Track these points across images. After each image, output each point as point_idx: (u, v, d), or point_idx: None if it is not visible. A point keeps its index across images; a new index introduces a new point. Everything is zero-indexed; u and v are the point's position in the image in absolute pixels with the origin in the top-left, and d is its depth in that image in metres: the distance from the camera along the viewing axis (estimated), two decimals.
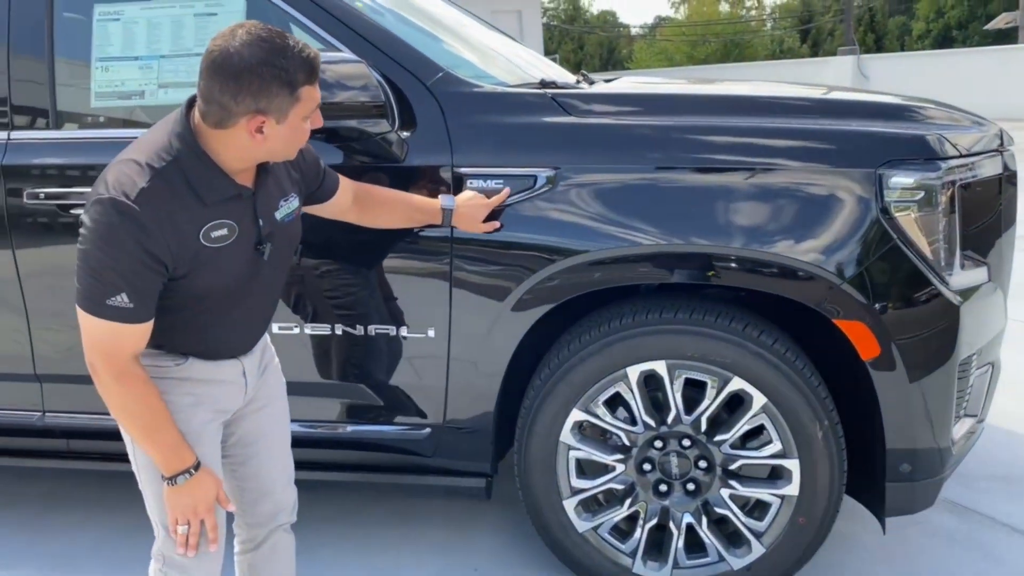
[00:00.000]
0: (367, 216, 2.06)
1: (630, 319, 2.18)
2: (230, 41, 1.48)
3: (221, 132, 1.54)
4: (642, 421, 2.24)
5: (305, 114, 1.57)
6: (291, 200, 1.77)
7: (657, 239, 2.05)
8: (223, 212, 1.60)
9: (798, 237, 2.02)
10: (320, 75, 1.58)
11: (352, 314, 2.27)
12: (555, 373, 2.22)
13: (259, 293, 1.76)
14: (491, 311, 2.17)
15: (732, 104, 2.21)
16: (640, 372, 2.19)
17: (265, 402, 1.89)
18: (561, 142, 2.13)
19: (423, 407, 2.33)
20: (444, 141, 2.16)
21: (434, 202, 2.09)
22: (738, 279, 2.09)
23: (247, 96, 1.49)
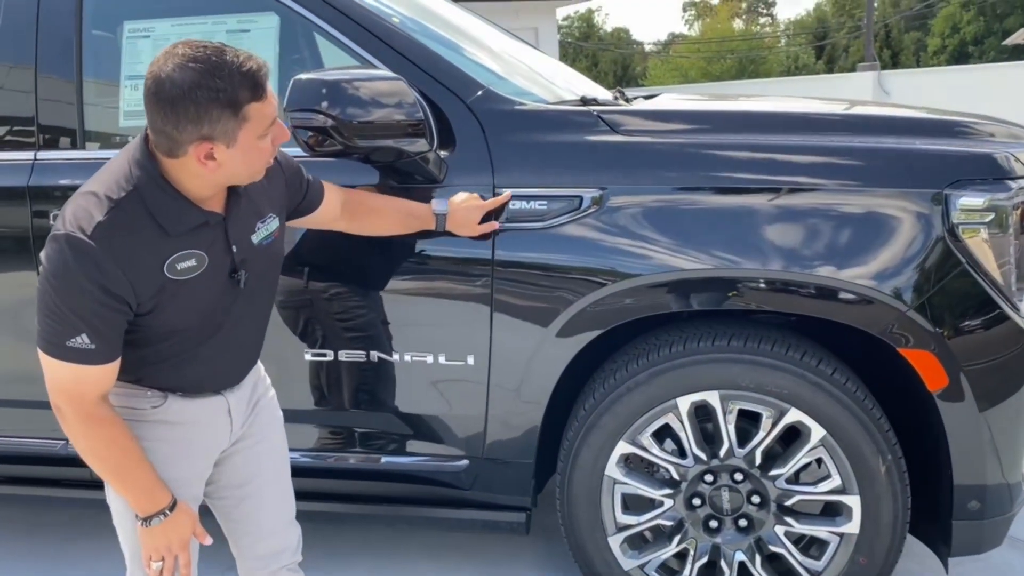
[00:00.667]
0: (357, 224, 1.97)
1: (680, 347, 2.07)
2: (162, 66, 1.38)
3: (174, 161, 1.44)
4: (692, 454, 2.13)
5: (259, 132, 1.45)
6: (269, 221, 1.65)
7: (714, 263, 1.95)
8: (189, 242, 1.49)
9: (861, 262, 1.92)
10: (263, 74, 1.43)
11: (387, 340, 2.18)
12: (600, 403, 2.12)
13: (240, 323, 1.64)
14: (534, 337, 2.07)
15: (787, 122, 2.11)
16: (691, 403, 2.08)
17: (258, 438, 1.77)
18: (608, 161, 2.04)
19: (461, 438, 2.23)
20: (485, 161, 2.08)
21: (426, 206, 2.01)
22: (802, 306, 1.98)
23: (188, 124, 1.38)
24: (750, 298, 2.01)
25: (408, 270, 2.13)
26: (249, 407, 1.75)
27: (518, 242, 2.05)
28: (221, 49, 1.40)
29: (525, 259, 2.05)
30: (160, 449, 1.59)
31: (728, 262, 1.95)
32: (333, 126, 1.93)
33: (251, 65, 1.41)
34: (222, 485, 1.75)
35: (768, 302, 2.00)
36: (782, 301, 1.99)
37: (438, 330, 2.15)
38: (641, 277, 2.00)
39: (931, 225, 1.92)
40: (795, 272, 1.92)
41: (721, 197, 1.97)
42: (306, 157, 2.05)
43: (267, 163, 1.54)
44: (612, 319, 2.05)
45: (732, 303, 2.01)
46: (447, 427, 2.23)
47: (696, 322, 2.15)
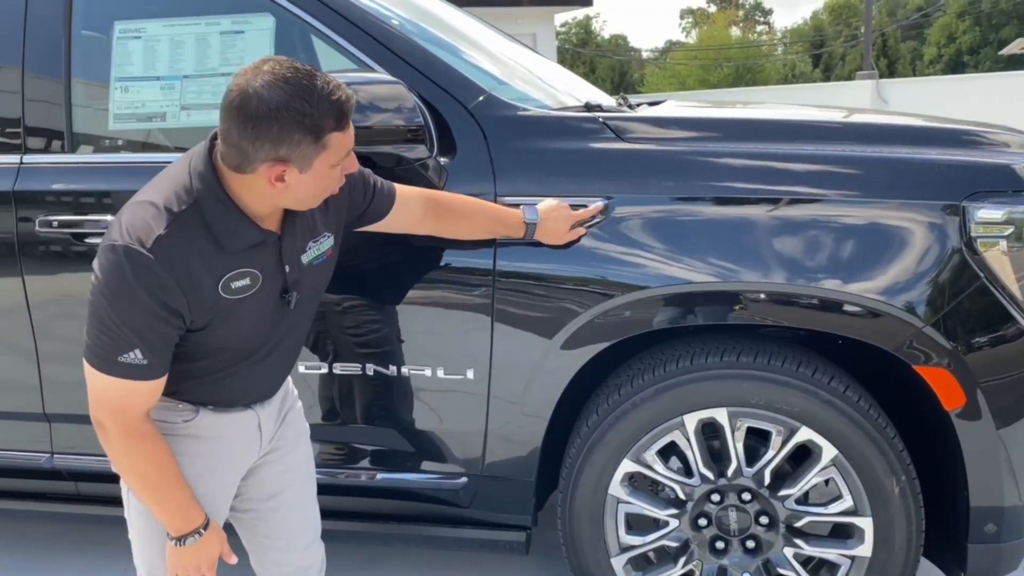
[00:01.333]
0: (443, 227, 1.90)
1: (687, 362, 2.00)
2: (251, 80, 1.35)
3: (241, 176, 1.41)
4: (699, 473, 2.06)
5: (334, 162, 1.44)
6: (322, 240, 1.62)
7: (724, 276, 1.88)
8: (246, 260, 1.46)
9: (876, 276, 1.85)
10: (350, 105, 1.42)
11: (384, 352, 2.10)
12: (604, 420, 2.04)
13: (284, 342, 1.63)
14: (537, 350, 2.00)
15: (799, 131, 2.05)
16: (698, 420, 2.01)
17: (286, 451, 1.74)
18: (614, 170, 1.97)
19: (460, 454, 2.15)
20: (486, 168, 2.01)
21: (516, 213, 1.91)
22: (814, 321, 1.91)
23: (266, 142, 1.35)
24: (762, 312, 1.94)
25: (405, 281, 2.06)
26: (278, 420, 1.72)
27: (520, 252, 1.98)
28: (312, 73, 1.38)
29: (528, 270, 1.98)
30: (190, 464, 1.55)
31: (739, 275, 1.88)
32: None
33: (340, 95, 1.39)
34: (248, 498, 1.72)
35: (780, 316, 1.93)
36: (795, 316, 1.92)
37: (437, 343, 2.08)
38: (648, 289, 1.93)
39: (948, 238, 1.85)
40: (808, 286, 1.85)
41: (732, 208, 1.90)
42: None
43: (331, 191, 1.50)
44: (618, 332, 1.98)
45: (744, 317, 1.94)
46: (445, 443, 2.15)
47: (703, 336, 2.08)
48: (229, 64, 2.21)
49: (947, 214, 1.85)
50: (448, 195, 1.93)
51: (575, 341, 1.98)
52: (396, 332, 2.09)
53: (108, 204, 2.20)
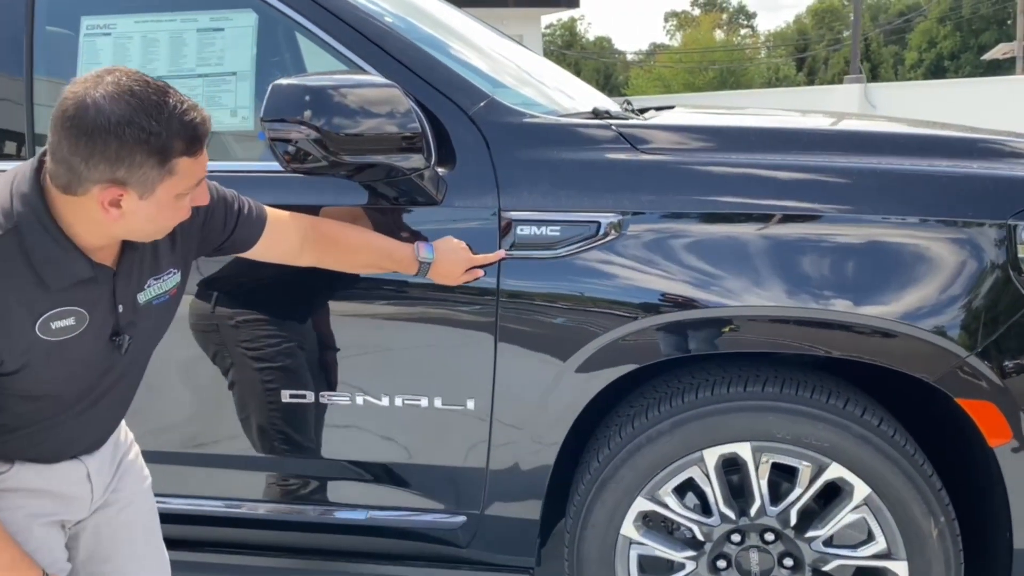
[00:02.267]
0: (326, 260, 1.74)
1: (707, 392, 1.84)
2: (90, 89, 1.21)
3: (70, 199, 1.24)
4: (719, 512, 1.89)
5: (180, 191, 1.29)
6: (166, 278, 1.45)
7: (754, 300, 1.72)
8: (71, 298, 1.29)
9: (916, 302, 1.70)
10: (205, 128, 1.29)
11: (375, 381, 1.92)
12: (617, 455, 1.88)
13: (113, 388, 1.44)
14: (544, 380, 1.83)
15: (831, 141, 1.88)
16: (719, 455, 1.85)
17: (124, 503, 1.55)
18: (629, 183, 1.80)
19: (458, 492, 1.98)
20: (489, 180, 1.83)
21: (409, 249, 1.77)
22: (851, 349, 1.75)
23: (102, 161, 1.20)
24: (801, 339, 1.78)
25: (398, 302, 1.88)
26: (112, 468, 1.54)
27: (527, 272, 1.81)
28: (165, 89, 1.25)
29: (535, 290, 1.81)
30: (10, 519, 1.36)
31: (778, 299, 1.72)
32: (316, 139, 1.68)
33: (195, 116, 1.26)
34: (82, 560, 1.52)
35: (815, 343, 1.77)
36: (831, 343, 1.76)
37: (433, 371, 1.90)
38: (664, 314, 1.76)
39: (993, 260, 1.70)
40: (845, 312, 1.70)
41: (763, 226, 1.74)
42: (283, 174, 1.81)
43: (176, 222, 1.35)
44: (640, 357, 1.82)
45: (781, 345, 1.79)
46: (443, 479, 1.98)
47: (724, 363, 1.92)
48: (207, 64, 2.03)
49: (993, 233, 1.70)
50: (334, 224, 1.77)
51: (591, 365, 1.81)
52: (389, 359, 1.91)
53: None
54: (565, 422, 1.87)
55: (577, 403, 1.85)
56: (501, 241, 1.81)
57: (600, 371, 1.82)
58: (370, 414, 1.94)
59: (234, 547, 2.12)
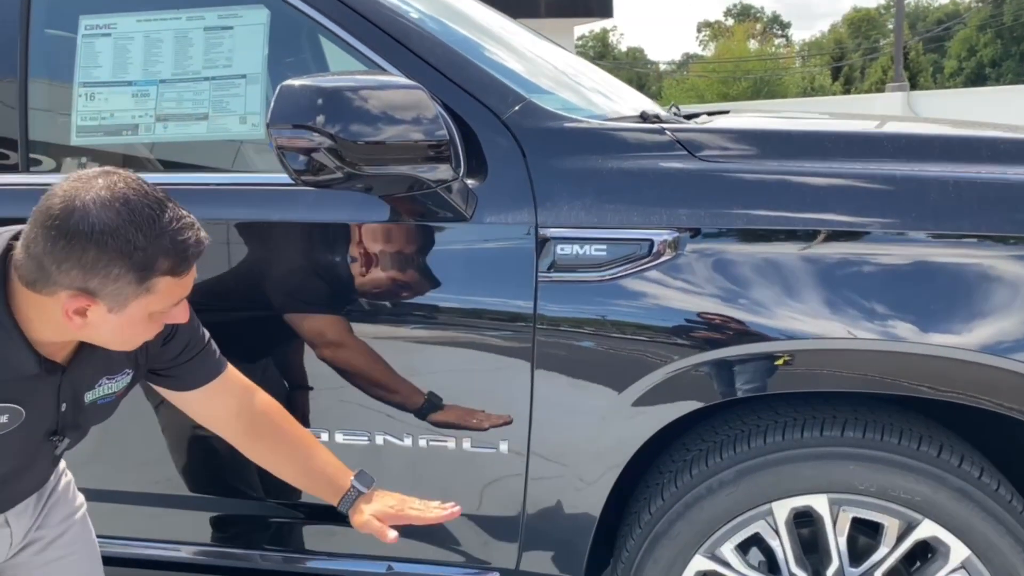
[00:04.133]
0: (252, 446, 1.53)
1: (778, 436, 1.60)
2: (82, 189, 1.15)
3: (33, 296, 1.18)
4: (789, 572, 1.65)
5: (156, 309, 1.21)
6: (118, 379, 1.37)
7: (835, 333, 1.48)
8: (7, 393, 1.22)
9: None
10: (198, 251, 1.21)
11: (397, 420, 1.71)
12: (672, 507, 1.64)
13: (40, 469, 1.38)
14: (590, 419, 1.61)
15: (921, 147, 1.63)
16: (791, 509, 1.61)
17: (49, 539, 1.46)
18: (687, 195, 1.57)
19: (490, 545, 1.75)
20: (525, 193, 1.61)
21: (345, 474, 1.53)
22: (963, 390, 1.50)
23: (75, 267, 1.14)
24: (892, 377, 1.53)
25: (423, 333, 1.67)
26: (36, 511, 1.46)
27: (568, 297, 1.58)
28: (163, 203, 1.18)
29: (577, 318, 1.58)
30: None
31: (855, 331, 1.47)
32: (331, 147, 1.48)
33: (189, 236, 1.19)
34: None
35: (918, 382, 1.52)
36: (940, 382, 1.51)
37: (462, 407, 1.68)
38: (727, 347, 1.53)
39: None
40: (958, 348, 1.44)
41: (851, 246, 1.50)
42: (295, 187, 1.61)
43: (143, 340, 1.28)
44: (681, 399, 1.58)
45: (864, 383, 1.54)
46: (472, 530, 1.75)
47: (794, 402, 1.67)
48: (214, 66, 1.84)
49: None
50: (284, 415, 1.55)
51: (641, 404, 1.58)
52: (412, 395, 1.70)
53: None
54: (612, 469, 1.64)
55: (625, 448, 1.62)
56: (539, 261, 1.59)
57: (651, 412, 1.59)
58: (391, 456, 1.72)
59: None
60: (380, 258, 1.68)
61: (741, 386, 1.57)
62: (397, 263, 1.68)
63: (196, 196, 1.76)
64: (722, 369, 1.56)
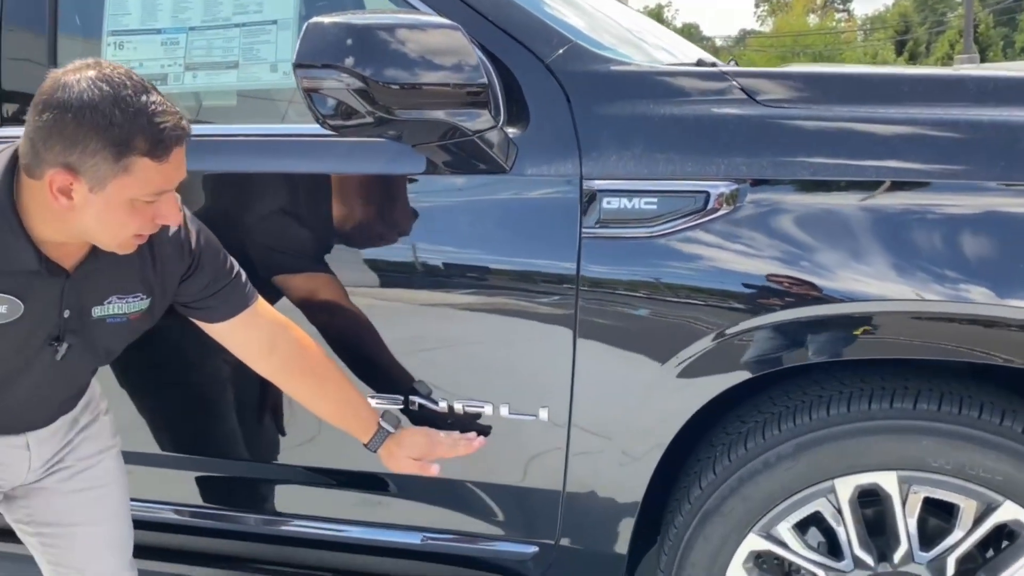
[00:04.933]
0: (287, 380, 1.57)
1: (843, 407, 1.46)
2: (72, 72, 1.21)
3: (31, 183, 1.23)
4: (852, 555, 1.52)
5: (135, 194, 1.22)
6: (131, 300, 1.39)
7: (914, 294, 1.34)
8: (8, 284, 1.26)
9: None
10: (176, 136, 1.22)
11: (431, 383, 1.62)
12: (725, 482, 1.52)
13: (45, 383, 1.40)
14: (638, 385, 1.49)
15: (1008, 89, 1.46)
16: (856, 487, 1.48)
17: (77, 469, 1.52)
18: (747, 143, 1.44)
19: (528, 516, 1.66)
20: (570, 142, 1.50)
21: (374, 415, 1.58)
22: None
23: (57, 142, 1.18)
24: (984, 345, 1.38)
25: (458, 291, 1.57)
26: (64, 439, 1.51)
27: (616, 254, 1.47)
28: (146, 88, 1.21)
29: (625, 277, 1.47)
30: None
31: (937, 292, 1.33)
32: (361, 90, 1.38)
33: (167, 120, 1.20)
34: (33, 520, 1.53)
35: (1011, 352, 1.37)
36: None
37: (500, 373, 1.59)
38: (791, 310, 1.40)
39: None
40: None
41: (929, 197, 1.35)
42: (327, 137, 1.52)
43: (134, 239, 1.28)
44: (740, 366, 1.46)
45: (948, 352, 1.40)
46: (510, 502, 1.66)
47: (860, 371, 1.54)
48: (244, 12, 1.76)
49: None
50: (317, 352, 1.56)
51: (694, 371, 1.46)
52: (447, 357, 1.61)
53: None
54: (661, 440, 1.52)
55: (673, 421, 1.50)
56: (583, 217, 1.47)
57: (705, 379, 1.47)
58: (425, 421, 1.63)
59: (274, 567, 1.86)
60: (413, 212, 1.59)
61: (802, 353, 1.44)
62: (430, 218, 1.58)
63: (226, 147, 1.70)
64: (782, 335, 1.44)
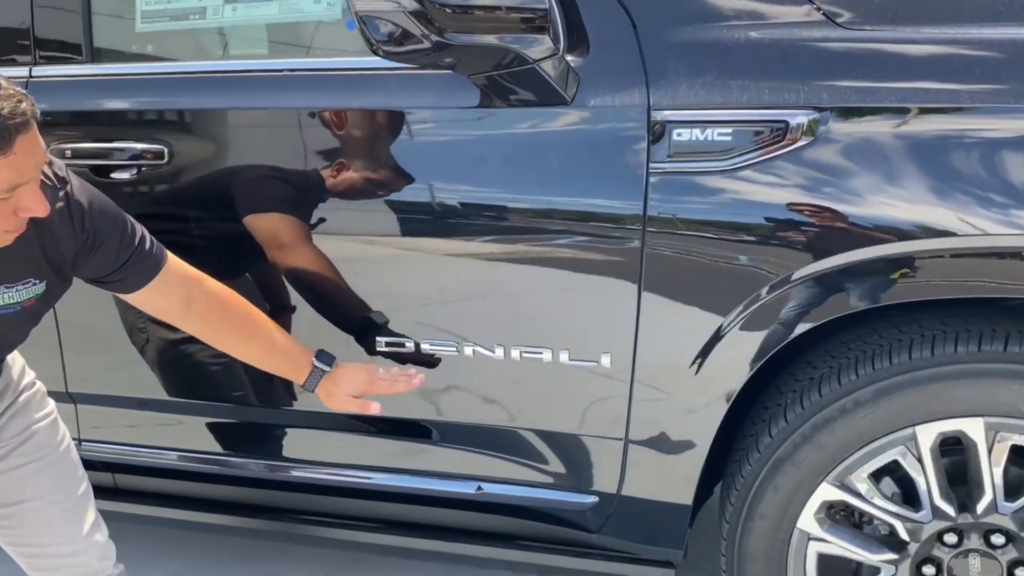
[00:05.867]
0: (210, 334, 1.51)
1: (926, 350, 1.38)
2: None
3: None
4: (932, 505, 1.45)
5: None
6: (22, 288, 1.30)
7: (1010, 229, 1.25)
8: None
9: None
10: (14, 124, 1.10)
11: (486, 328, 1.56)
12: (797, 429, 1.45)
13: None
14: (707, 328, 1.42)
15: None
16: (938, 434, 1.40)
17: (23, 460, 1.44)
18: (828, 68, 1.34)
19: (589, 466, 1.61)
20: (636, 69, 1.40)
21: (306, 354, 1.52)
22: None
23: None
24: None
25: (514, 233, 1.49)
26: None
27: (686, 190, 1.38)
28: None
29: (696, 215, 1.38)
30: None
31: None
32: (417, 11, 1.29)
33: (2, 107, 1.08)
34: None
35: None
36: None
37: (559, 317, 1.52)
38: (876, 247, 1.31)
39: None
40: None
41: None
42: (376, 70, 1.44)
43: (3, 234, 1.19)
44: (820, 308, 1.38)
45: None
46: (569, 450, 1.61)
47: (941, 314, 1.45)
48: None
49: None
50: (237, 299, 1.50)
51: (769, 312, 1.38)
52: (503, 301, 1.54)
53: (136, 128, 1.71)
54: (730, 387, 1.45)
55: (747, 364, 1.43)
56: (652, 149, 1.38)
57: (782, 321, 1.39)
58: (481, 368, 1.57)
59: (322, 517, 1.83)
60: (468, 148, 1.51)
61: (890, 293, 1.35)
62: (485, 155, 1.50)
63: (267, 83, 1.62)
64: (866, 274, 1.35)
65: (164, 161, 1.64)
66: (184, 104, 1.67)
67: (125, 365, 1.83)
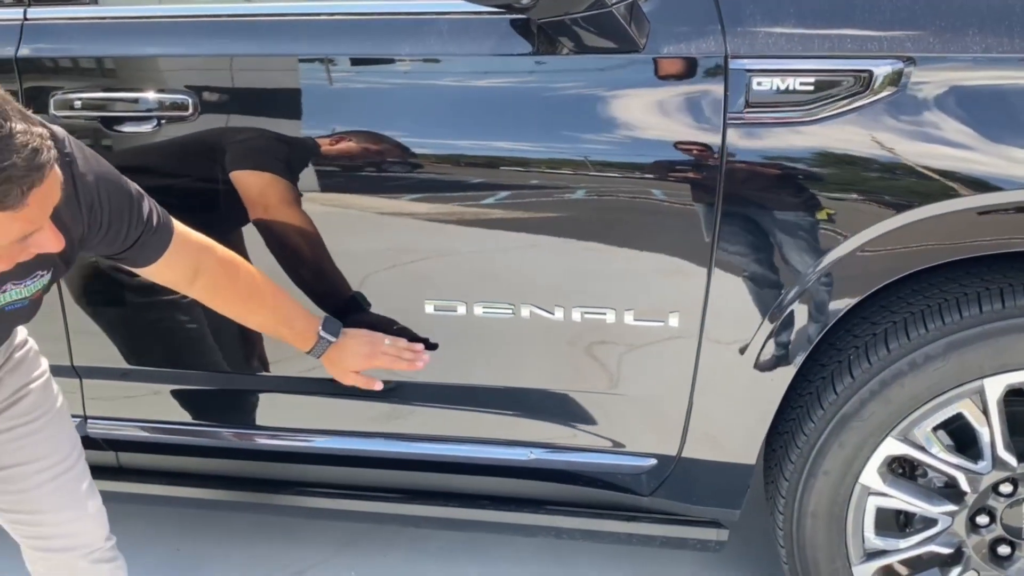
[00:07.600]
0: (217, 302, 1.49)
1: (996, 303, 1.39)
2: None
3: None
4: (994, 457, 1.47)
5: None
6: (30, 283, 1.24)
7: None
8: None
9: None
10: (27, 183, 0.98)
11: (545, 288, 1.49)
12: (865, 385, 1.45)
13: None
14: (782, 286, 1.39)
15: None
16: (1006, 386, 1.42)
17: (15, 423, 1.37)
18: (915, 14, 1.31)
19: (650, 429, 1.57)
20: (711, 15, 1.35)
21: (313, 322, 1.51)
22: None
23: None
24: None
25: (579, 187, 1.43)
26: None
27: (765, 141, 1.34)
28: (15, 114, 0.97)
29: (776, 169, 1.35)
30: None
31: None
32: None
33: (13, 160, 0.95)
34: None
35: None
36: None
37: (623, 276, 1.46)
38: (962, 198, 1.30)
39: None
40: None
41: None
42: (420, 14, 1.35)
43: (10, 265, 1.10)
44: (900, 262, 1.37)
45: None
46: (630, 414, 1.57)
47: (1004, 267, 1.46)
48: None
49: None
50: (245, 266, 1.48)
51: (848, 268, 1.36)
52: (562, 259, 1.47)
53: (147, 76, 1.57)
54: (803, 344, 1.43)
55: (824, 319, 1.41)
56: (729, 99, 1.34)
57: (862, 274, 1.37)
58: (538, 330, 1.51)
59: (363, 491, 1.76)
60: (527, 100, 1.43)
61: (971, 246, 1.35)
62: (548, 106, 1.42)
63: (305, 28, 1.51)
64: (947, 227, 1.34)
65: (188, 112, 1.51)
66: (209, 51, 1.54)
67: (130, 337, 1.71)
